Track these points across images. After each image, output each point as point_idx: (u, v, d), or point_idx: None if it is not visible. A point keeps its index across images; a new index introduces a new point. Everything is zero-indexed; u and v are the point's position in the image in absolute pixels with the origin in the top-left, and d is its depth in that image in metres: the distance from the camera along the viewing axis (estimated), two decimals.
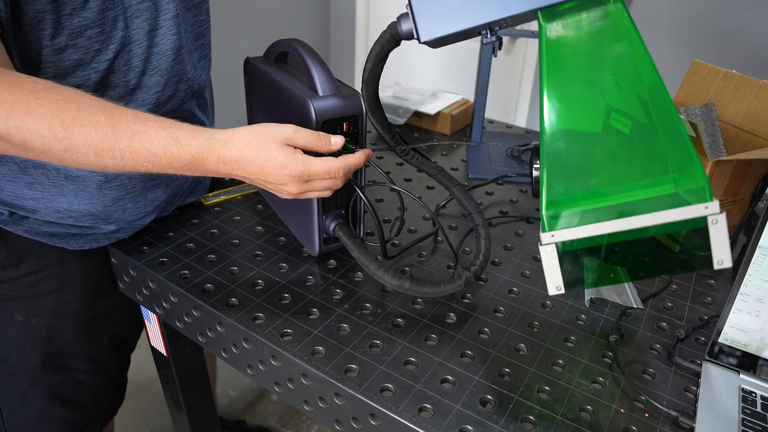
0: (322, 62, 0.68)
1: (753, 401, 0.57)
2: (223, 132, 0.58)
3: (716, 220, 0.44)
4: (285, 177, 0.58)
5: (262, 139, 0.58)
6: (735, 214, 0.85)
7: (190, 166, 0.57)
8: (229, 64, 1.49)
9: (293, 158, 0.58)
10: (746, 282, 0.61)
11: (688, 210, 0.44)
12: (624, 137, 0.46)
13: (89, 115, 0.53)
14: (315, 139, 0.60)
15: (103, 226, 0.74)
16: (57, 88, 0.54)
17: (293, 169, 0.58)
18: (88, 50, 0.61)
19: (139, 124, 0.55)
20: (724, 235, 0.44)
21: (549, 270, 0.49)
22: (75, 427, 0.83)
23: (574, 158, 0.48)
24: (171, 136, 0.56)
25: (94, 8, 0.59)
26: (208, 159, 0.57)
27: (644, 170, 0.45)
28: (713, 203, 0.43)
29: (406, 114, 1.24)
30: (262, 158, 0.57)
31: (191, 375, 0.95)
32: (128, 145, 0.54)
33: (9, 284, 0.73)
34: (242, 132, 0.58)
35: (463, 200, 0.72)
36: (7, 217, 0.69)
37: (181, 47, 0.69)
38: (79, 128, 0.53)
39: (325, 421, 0.62)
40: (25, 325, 0.75)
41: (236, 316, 0.66)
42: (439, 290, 0.67)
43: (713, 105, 0.89)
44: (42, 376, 0.78)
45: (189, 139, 0.56)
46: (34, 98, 0.52)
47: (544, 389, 0.58)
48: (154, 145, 0.55)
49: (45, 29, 0.57)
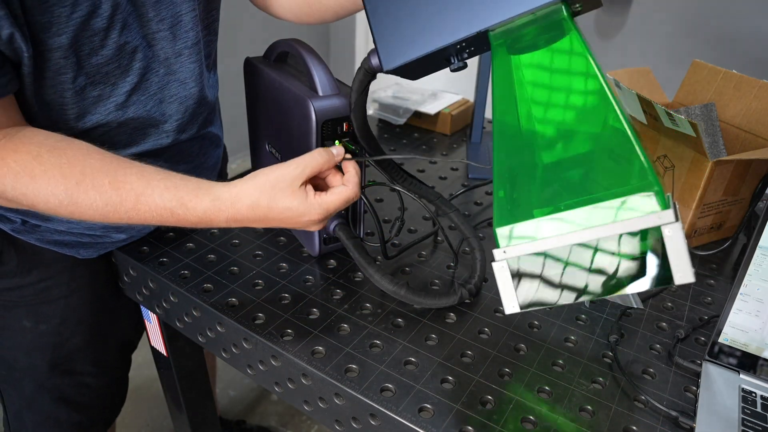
0: (322, 62, 0.68)
1: (753, 401, 0.57)
2: (228, 190, 0.56)
3: (671, 230, 0.40)
4: (305, 222, 0.57)
5: (269, 190, 0.56)
6: (735, 214, 0.85)
7: (199, 224, 0.57)
8: (229, 64, 1.49)
9: (308, 204, 0.56)
10: (746, 282, 0.61)
11: (640, 221, 0.41)
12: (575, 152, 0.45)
13: (93, 179, 0.54)
14: (319, 158, 0.58)
15: (113, 235, 0.75)
16: (62, 150, 0.54)
17: (312, 215, 0.57)
18: (106, 84, 0.61)
19: (143, 186, 0.55)
20: (681, 247, 0.40)
21: (503, 288, 0.47)
22: (81, 428, 0.84)
23: (524, 173, 0.46)
24: (176, 199, 0.55)
25: (112, 45, 0.58)
26: (216, 220, 0.56)
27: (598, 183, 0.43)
28: (667, 212, 0.39)
29: (406, 114, 1.24)
30: (276, 210, 0.56)
31: (191, 375, 0.95)
32: (133, 208, 0.55)
33: (19, 291, 0.73)
34: (247, 188, 0.56)
35: (460, 225, 0.75)
36: (19, 225, 0.69)
37: (201, 74, 0.69)
38: (82, 194, 0.54)
39: (325, 421, 0.62)
40: (34, 331, 0.75)
41: (236, 316, 0.66)
42: (434, 302, 0.67)
43: (713, 105, 0.89)
44: (49, 380, 0.78)
45: (194, 201, 0.55)
46: (38, 165, 0.53)
47: (544, 389, 0.58)
48: (160, 208, 0.55)
49: (67, 73, 0.57)
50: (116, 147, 0.66)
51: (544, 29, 0.47)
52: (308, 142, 0.67)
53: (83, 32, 0.55)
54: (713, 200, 0.80)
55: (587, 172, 0.44)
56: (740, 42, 1.88)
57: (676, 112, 0.86)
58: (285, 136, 0.74)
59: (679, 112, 0.87)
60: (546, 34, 0.47)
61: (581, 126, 0.45)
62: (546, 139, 0.46)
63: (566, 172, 0.45)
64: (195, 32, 0.65)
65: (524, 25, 0.48)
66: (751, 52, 1.87)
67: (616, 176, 0.42)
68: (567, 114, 0.46)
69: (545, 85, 0.47)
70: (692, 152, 0.78)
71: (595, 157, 0.44)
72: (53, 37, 0.53)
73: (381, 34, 0.53)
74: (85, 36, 0.56)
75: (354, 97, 0.61)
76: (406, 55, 0.52)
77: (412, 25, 0.51)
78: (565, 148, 0.45)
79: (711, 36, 1.93)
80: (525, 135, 0.47)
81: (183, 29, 0.64)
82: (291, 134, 0.71)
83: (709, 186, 0.77)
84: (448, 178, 1.02)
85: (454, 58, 0.52)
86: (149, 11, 0.60)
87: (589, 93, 0.45)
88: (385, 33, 0.53)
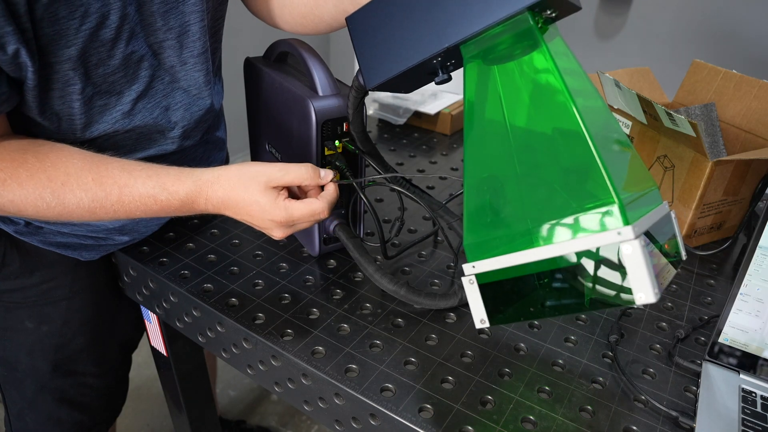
0: (322, 62, 0.68)
1: (753, 401, 0.57)
2: (210, 172, 0.58)
3: (630, 248, 0.38)
4: (268, 222, 0.58)
5: (247, 180, 0.57)
6: (735, 214, 0.85)
7: (182, 209, 0.58)
8: (229, 64, 1.49)
9: (275, 204, 0.57)
10: (746, 282, 0.61)
11: (598, 237, 0.40)
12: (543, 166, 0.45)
13: (77, 178, 0.55)
14: (304, 172, 0.58)
15: (116, 238, 0.75)
16: (44, 154, 0.55)
17: (275, 215, 0.57)
18: (112, 93, 0.61)
19: (126, 177, 0.56)
20: (640, 265, 0.38)
21: (473, 302, 0.48)
22: (82, 428, 0.84)
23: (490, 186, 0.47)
24: (159, 185, 0.56)
25: (119, 55, 0.59)
26: (197, 200, 0.58)
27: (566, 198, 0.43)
28: (626, 229, 0.38)
29: (406, 114, 1.24)
30: (246, 201, 0.57)
31: (191, 375, 0.95)
32: (118, 200, 0.56)
33: (21, 292, 0.73)
34: (229, 172, 0.58)
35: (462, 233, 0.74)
36: (23, 227, 0.70)
37: (207, 82, 0.69)
38: (69, 194, 0.55)
39: (325, 421, 0.62)
40: (36, 332, 0.75)
41: (236, 316, 0.66)
42: (434, 303, 0.67)
43: (713, 105, 0.89)
44: (51, 381, 0.78)
45: (177, 184, 0.57)
46: (24, 170, 0.54)
47: (544, 389, 0.58)
48: (144, 197, 0.56)
49: (75, 84, 0.57)
50: (122, 153, 0.66)
51: (516, 39, 0.47)
52: (308, 142, 0.67)
53: (92, 43, 0.55)
54: (713, 200, 0.80)
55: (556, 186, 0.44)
56: (740, 42, 1.88)
57: (676, 112, 0.86)
58: (285, 136, 0.74)
59: (679, 112, 0.87)
60: (518, 44, 0.47)
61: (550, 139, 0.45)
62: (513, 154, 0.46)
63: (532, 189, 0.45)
64: (202, 41, 0.65)
65: (494, 37, 0.48)
66: (751, 52, 1.87)
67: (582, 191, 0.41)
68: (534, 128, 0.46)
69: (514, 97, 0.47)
70: (692, 152, 0.78)
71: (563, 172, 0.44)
72: (62, 49, 0.53)
73: (362, 55, 0.56)
74: (94, 47, 0.56)
75: (351, 111, 0.63)
76: (385, 74, 0.55)
77: (388, 45, 0.54)
78: (534, 162, 0.45)
79: (711, 36, 1.93)
80: (493, 148, 0.47)
81: (190, 39, 0.64)
82: (291, 134, 0.71)
83: (709, 186, 0.77)
84: (448, 178, 1.02)
85: (439, 71, 0.54)
86: (157, 20, 0.60)
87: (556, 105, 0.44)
88: (366, 54, 0.56)
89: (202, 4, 0.62)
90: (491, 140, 0.48)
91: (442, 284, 0.73)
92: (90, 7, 0.53)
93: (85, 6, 0.52)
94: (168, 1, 0.60)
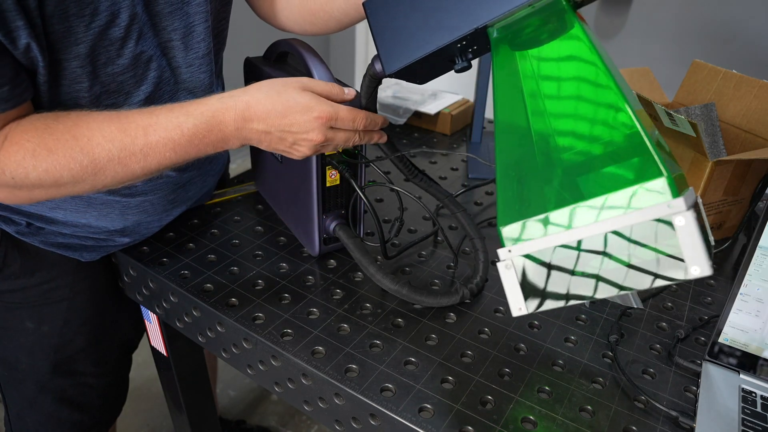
0: (323, 62, 0.68)
1: (753, 401, 0.57)
2: (234, 90, 0.57)
3: (683, 219, 0.37)
4: (312, 121, 0.56)
5: (280, 86, 0.56)
6: (735, 214, 0.85)
7: (210, 135, 0.56)
8: (230, 64, 1.49)
9: (319, 100, 0.56)
10: (746, 282, 0.61)
11: (648, 211, 0.38)
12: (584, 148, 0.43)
13: (101, 131, 0.54)
14: (330, 87, 0.59)
15: (117, 239, 0.75)
16: (65, 115, 0.55)
17: (321, 111, 0.56)
18: (120, 94, 0.61)
19: (147, 117, 0.55)
20: (695, 237, 0.37)
21: (509, 289, 0.45)
22: (82, 428, 0.84)
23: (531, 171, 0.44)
24: (182, 113, 0.55)
25: (129, 54, 0.58)
26: (225, 120, 0.55)
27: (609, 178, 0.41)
28: (677, 201, 0.37)
29: (406, 114, 1.24)
30: (284, 104, 0.55)
31: (191, 375, 0.95)
32: (145, 143, 0.55)
33: (22, 293, 0.73)
34: (255, 85, 0.56)
35: (467, 225, 0.75)
36: (24, 227, 0.70)
37: (211, 84, 0.69)
38: (96, 147, 0.54)
39: (325, 421, 0.62)
40: (36, 332, 0.75)
41: (236, 316, 0.66)
42: (436, 301, 0.67)
43: (713, 105, 0.89)
44: (51, 381, 0.78)
45: (200, 106, 0.55)
46: (49, 135, 0.53)
47: (544, 389, 0.58)
48: (169, 130, 0.55)
49: (83, 82, 0.57)
50: None
51: (545, 21, 0.46)
52: None
53: (101, 42, 0.55)
54: (713, 200, 0.80)
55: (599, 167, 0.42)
56: (740, 42, 1.88)
57: (676, 112, 0.86)
58: None
59: (679, 112, 0.87)
60: (547, 27, 0.45)
61: (590, 121, 0.44)
62: (554, 135, 0.44)
63: (576, 168, 0.43)
64: (206, 43, 0.65)
65: (523, 19, 0.47)
66: (751, 52, 1.87)
67: (626, 169, 0.40)
68: (575, 109, 0.44)
69: (551, 80, 0.46)
70: (692, 152, 0.78)
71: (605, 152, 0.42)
72: (71, 46, 0.53)
73: (382, 38, 0.54)
74: (103, 45, 0.56)
75: (364, 102, 0.62)
76: (407, 58, 0.53)
77: (410, 28, 0.52)
78: (574, 144, 0.43)
79: (711, 36, 1.93)
80: (531, 132, 0.45)
81: (195, 40, 0.64)
82: None
83: (709, 186, 0.77)
84: (449, 178, 1.02)
85: (458, 58, 0.52)
86: (163, 21, 0.60)
87: (595, 86, 0.43)
88: (386, 37, 0.53)
89: (207, 5, 0.62)
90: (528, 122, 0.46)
91: (442, 284, 0.73)
92: (100, 5, 0.53)
93: (95, 4, 0.52)
94: (173, 2, 0.60)
